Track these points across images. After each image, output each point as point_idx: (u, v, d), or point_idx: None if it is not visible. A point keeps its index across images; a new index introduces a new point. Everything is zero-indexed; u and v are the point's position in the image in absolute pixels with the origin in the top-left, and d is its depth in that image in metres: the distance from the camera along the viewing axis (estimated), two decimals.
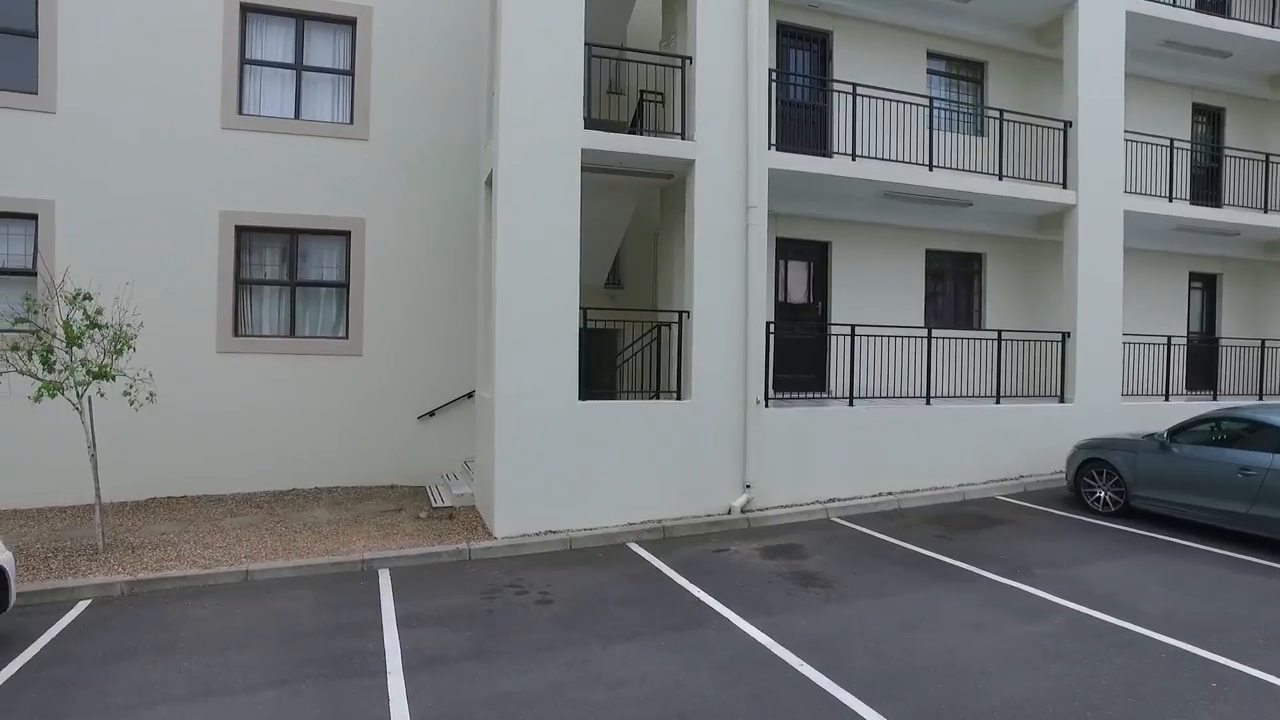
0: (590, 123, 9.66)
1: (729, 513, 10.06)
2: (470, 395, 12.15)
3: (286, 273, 11.79)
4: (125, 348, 8.52)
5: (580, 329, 9.36)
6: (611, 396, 10.69)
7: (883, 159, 11.23)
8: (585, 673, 5.71)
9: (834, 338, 11.85)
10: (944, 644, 6.16)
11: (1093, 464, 10.45)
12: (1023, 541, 9.12)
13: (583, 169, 9.36)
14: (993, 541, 9.13)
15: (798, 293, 12.62)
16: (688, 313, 10.03)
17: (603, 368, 11.22)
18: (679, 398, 10.12)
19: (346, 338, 11.86)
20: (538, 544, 9.00)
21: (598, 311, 10.26)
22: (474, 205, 12.02)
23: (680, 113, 10.18)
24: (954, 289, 13.62)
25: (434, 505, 10.63)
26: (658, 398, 10.75)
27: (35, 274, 10.46)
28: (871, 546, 9.04)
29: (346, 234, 11.83)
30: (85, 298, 8.33)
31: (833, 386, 12.11)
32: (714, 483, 10.03)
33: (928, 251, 13.14)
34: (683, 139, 10.03)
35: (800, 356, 12.05)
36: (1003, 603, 7.11)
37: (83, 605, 7.27)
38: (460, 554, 8.68)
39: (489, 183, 10.30)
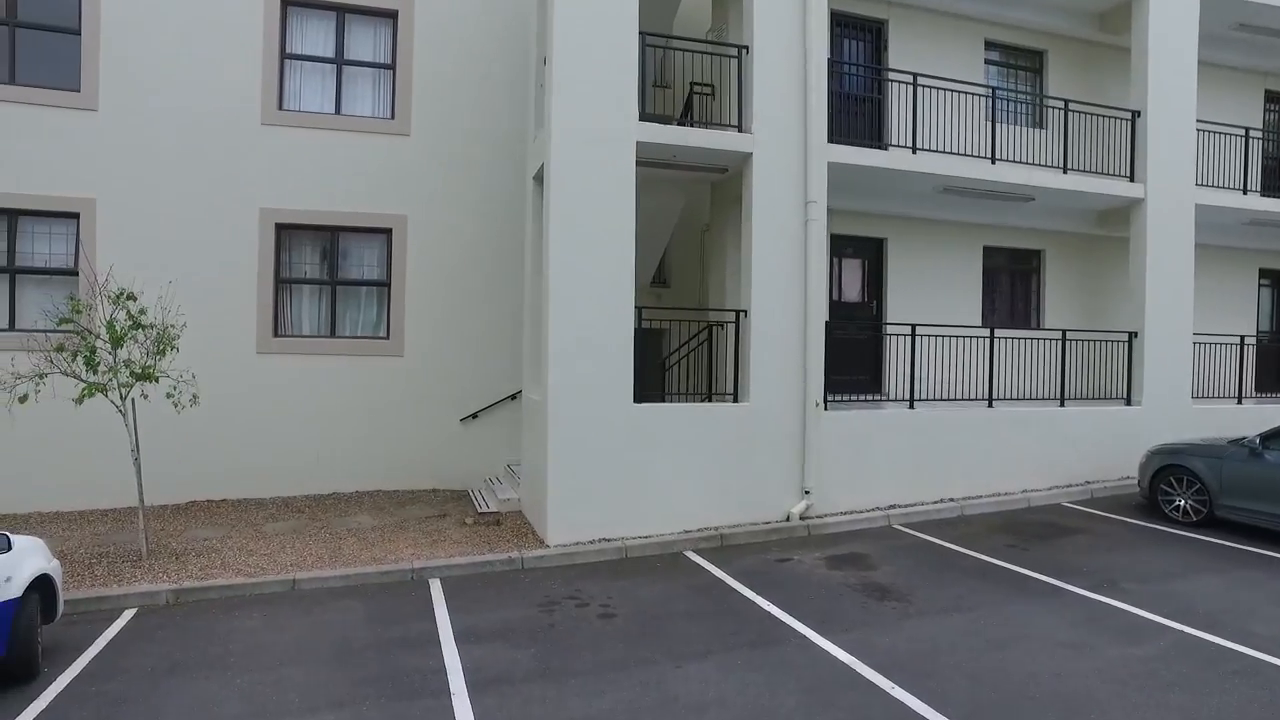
0: (641, 116, 9.29)
1: (787, 520, 9.66)
2: (514, 397, 11.84)
3: (327, 271, 11.54)
4: (168, 348, 8.27)
5: (634, 329, 9.00)
6: (660, 399, 10.34)
7: (943, 152, 10.76)
8: (660, 695, 5.34)
9: (890, 338, 11.39)
10: (1044, 667, 5.73)
11: (1170, 470, 9.93)
12: (1102, 553, 8.64)
13: (635, 163, 9.00)
14: (1070, 552, 8.66)
15: (852, 291, 12.19)
16: (745, 312, 9.64)
17: (650, 369, 10.86)
18: (735, 400, 9.74)
19: (387, 338, 11.58)
20: (592, 553, 8.65)
21: (653, 311, 9.88)
22: (518, 201, 11.70)
23: (735, 105, 9.79)
24: (1011, 287, 13.13)
25: (479, 511, 10.32)
26: (709, 400, 10.39)
27: (77, 273, 10.27)
28: (941, 556, 8.60)
29: (387, 231, 11.55)
30: (129, 297, 8.09)
31: (888, 388, 11.66)
32: (771, 489, 9.64)
33: (985, 248, 12.66)
34: (739, 131, 9.64)
35: (854, 357, 11.60)
36: (1097, 621, 6.66)
37: (129, 614, 7.02)
38: (513, 563, 8.35)
39: (538, 178, 9.98)
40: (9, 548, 5.41)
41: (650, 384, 10.54)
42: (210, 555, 8.36)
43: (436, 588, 7.69)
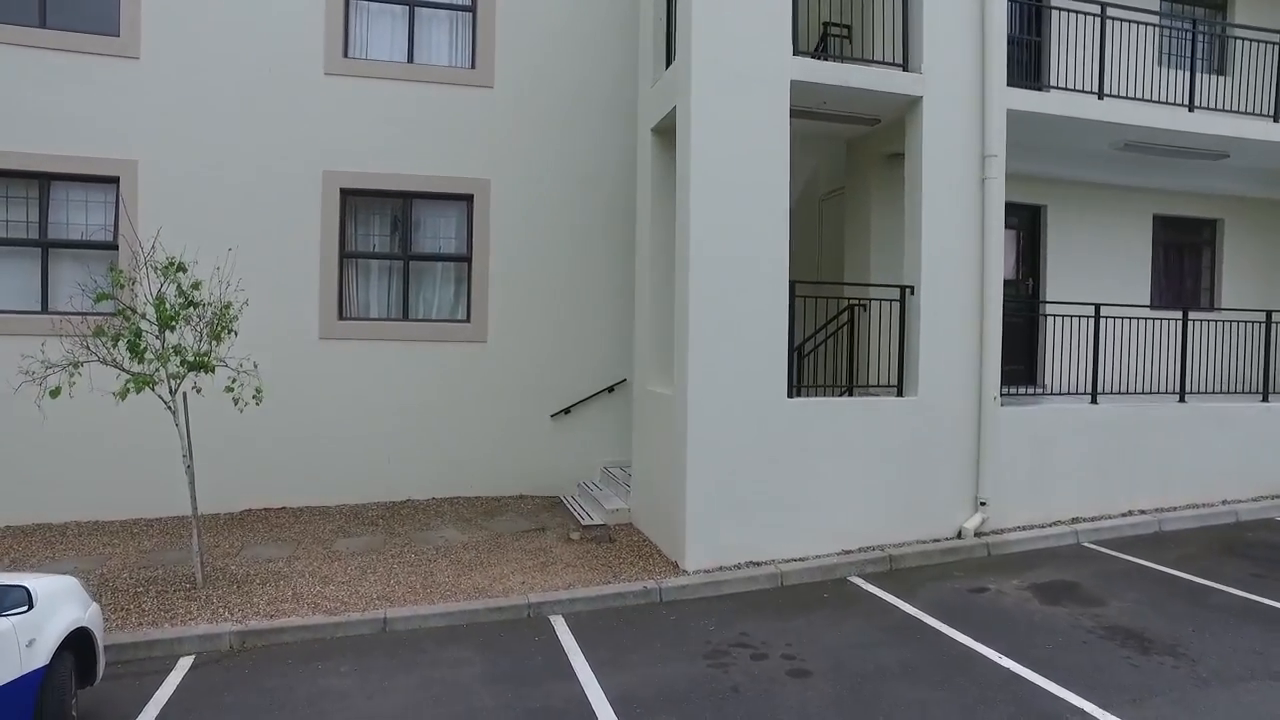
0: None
1: (959, 536, 8.02)
2: (611, 389, 10.26)
3: (398, 244, 10.01)
4: (226, 331, 6.77)
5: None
6: (798, 393, 8.69)
7: (1129, 98, 8.96)
8: None
9: (1050, 320, 9.59)
10: None
11: None
12: None
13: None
14: None
15: (1005, 266, 10.43)
16: (912, 288, 7.98)
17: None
18: (900, 393, 8.07)
19: (468, 321, 10.04)
20: (741, 580, 7.06)
21: (807, 287, 8.25)
22: (621, 163, 10.11)
23: (882, 43, 8.12)
24: (1181, 262, 11.32)
25: (583, 524, 8.76)
26: (850, 394, 8.75)
27: (116, 247, 8.83)
28: (1174, 588, 6.92)
29: (468, 198, 10.00)
30: (179, 269, 6.59)
31: (1046, 379, 9.91)
32: (940, 499, 8.00)
33: (1155, 218, 10.87)
34: (904, 70, 7.95)
35: (1005, 343, 9.85)
36: None
37: (185, 665, 5.56)
38: (648, 594, 6.78)
39: (660, 129, 8.38)
40: (30, 604, 3.91)
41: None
42: (277, 582, 6.86)
43: (562, 628, 6.14)
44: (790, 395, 7.48)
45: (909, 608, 6.52)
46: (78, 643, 4.43)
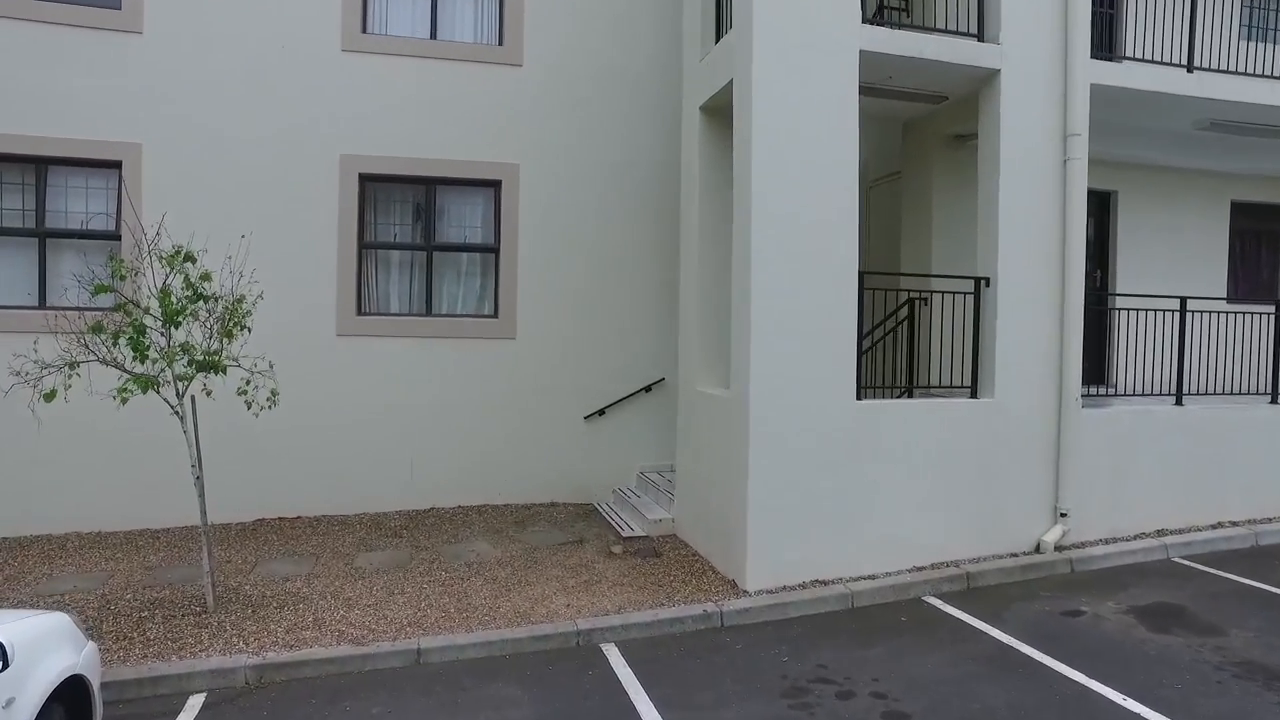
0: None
1: (1037, 550, 7.34)
2: (649, 389, 9.58)
3: (420, 234, 9.33)
4: (239, 327, 6.09)
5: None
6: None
7: (1223, 71, 8.22)
8: None
9: (1122, 314, 8.83)
10: None
11: None
12: None
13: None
14: None
15: None
16: (987, 280, 7.26)
17: None
18: (973, 394, 7.38)
19: (495, 316, 9.36)
20: (808, 601, 6.38)
21: (875, 279, 7.56)
22: (660, 146, 9.44)
23: (947, 12, 7.41)
24: (1259, 251, 10.58)
25: (623, 535, 8.09)
26: (909, 395, 8.07)
27: (119, 237, 8.17)
28: None
29: (495, 184, 9.32)
30: (187, 259, 5.91)
31: (1116, 379, 9.18)
32: (1017, 509, 7.33)
33: (1234, 204, 10.12)
34: (979, 41, 7.23)
35: None
36: None
37: (196, 704, 4.91)
38: (708, 618, 6.10)
39: (710, 108, 7.69)
40: (5, 662, 3.23)
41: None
42: (296, 606, 6.20)
43: (617, 659, 5.48)
44: (859, 397, 6.77)
45: (999, 634, 5.83)
46: (70, 690, 3.76)
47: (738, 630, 6.01)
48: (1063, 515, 7.37)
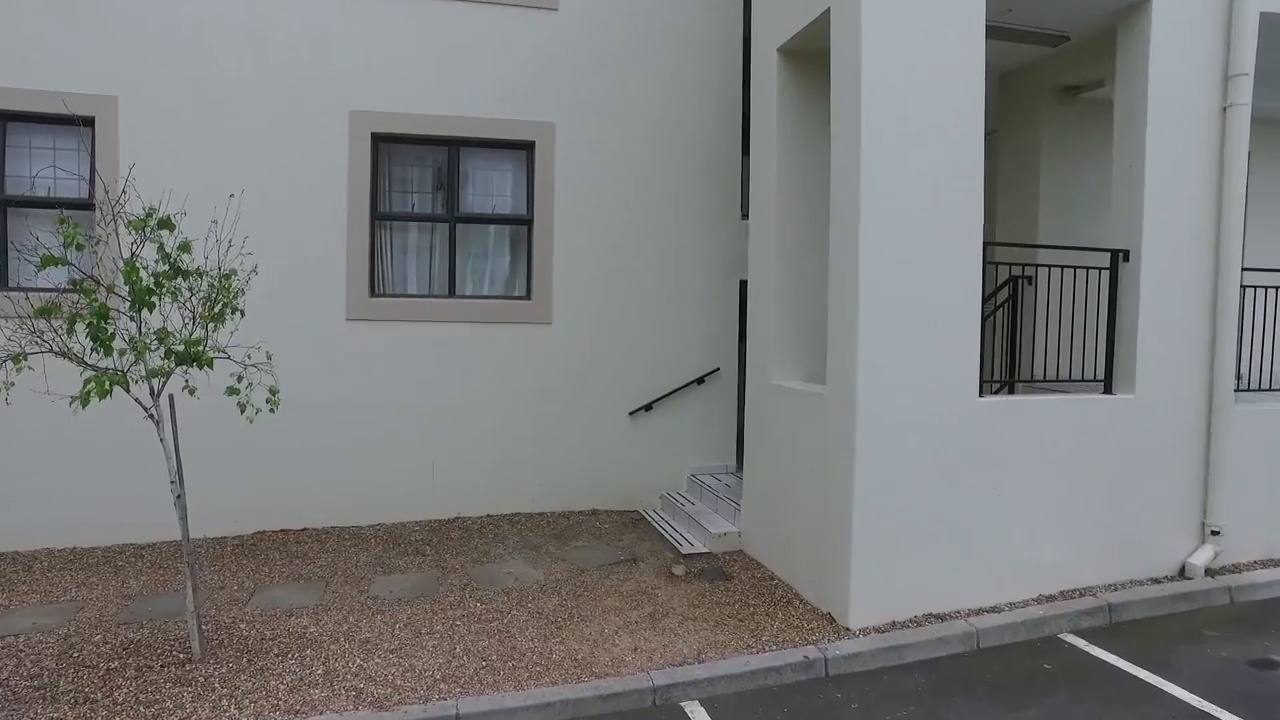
0: None
1: (1182, 574, 6.18)
2: (701, 381, 8.39)
3: (443, 203, 8.13)
4: (229, 310, 4.90)
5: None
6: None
7: None
8: None
9: (1254, 291, 7.54)
10: None
11: None
12: None
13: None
14: None
15: None
16: (1125, 253, 6.04)
17: None
18: (1108, 389, 6.17)
19: (528, 297, 8.17)
20: (927, 643, 5.21)
21: (1003, 250, 6.37)
22: (717, 101, 8.23)
23: None
24: None
25: (682, 552, 6.94)
26: (1011, 390, 6.88)
27: (93, 206, 6.97)
28: None
29: (527, 147, 8.11)
30: (162, 224, 4.71)
31: (1241, 368, 7.92)
32: (1158, 525, 6.16)
33: None
34: None
35: None
36: None
37: None
38: (810, 666, 4.94)
39: (790, 50, 6.47)
40: None
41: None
42: (303, 652, 5.04)
43: None
44: (980, 393, 5.58)
45: (1179, 691, 4.66)
46: None
47: (847, 682, 4.84)
48: (1214, 533, 6.18)
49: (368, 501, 7.74)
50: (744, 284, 8.57)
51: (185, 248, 4.59)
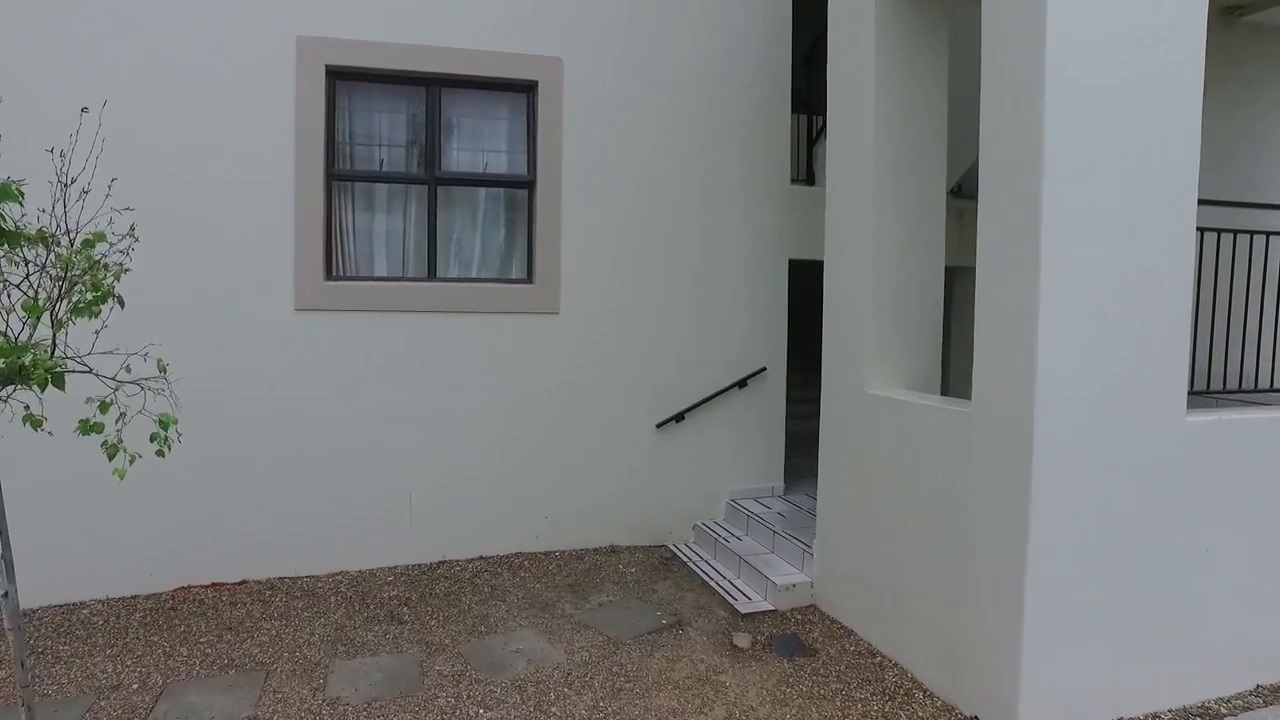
0: None
1: None
2: (743, 384, 6.76)
3: (420, 160, 6.37)
4: (99, 298, 3.12)
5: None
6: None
7: None
8: None
9: None
10: None
11: None
12: None
13: None
14: None
15: None
16: None
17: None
18: None
19: (529, 280, 6.46)
20: None
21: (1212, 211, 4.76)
22: (759, 35, 6.56)
23: None
24: None
25: (738, 609, 5.31)
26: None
27: None
28: None
29: (529, 88, 6.38)
30: None
31: None
32: None
33: None
34: None
35: None
36: None
37: None
38: None
39: None
40: None
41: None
42: None
43: None
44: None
45: None
46: None
47: None
48: None
49: (326, 543, 6.01)
50: (793, 264, 6.95)
51: (8, 193, 2.79)
